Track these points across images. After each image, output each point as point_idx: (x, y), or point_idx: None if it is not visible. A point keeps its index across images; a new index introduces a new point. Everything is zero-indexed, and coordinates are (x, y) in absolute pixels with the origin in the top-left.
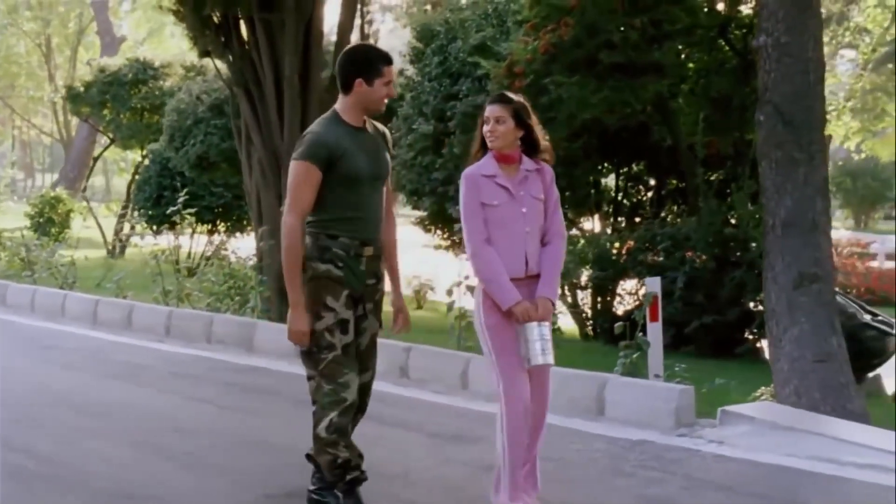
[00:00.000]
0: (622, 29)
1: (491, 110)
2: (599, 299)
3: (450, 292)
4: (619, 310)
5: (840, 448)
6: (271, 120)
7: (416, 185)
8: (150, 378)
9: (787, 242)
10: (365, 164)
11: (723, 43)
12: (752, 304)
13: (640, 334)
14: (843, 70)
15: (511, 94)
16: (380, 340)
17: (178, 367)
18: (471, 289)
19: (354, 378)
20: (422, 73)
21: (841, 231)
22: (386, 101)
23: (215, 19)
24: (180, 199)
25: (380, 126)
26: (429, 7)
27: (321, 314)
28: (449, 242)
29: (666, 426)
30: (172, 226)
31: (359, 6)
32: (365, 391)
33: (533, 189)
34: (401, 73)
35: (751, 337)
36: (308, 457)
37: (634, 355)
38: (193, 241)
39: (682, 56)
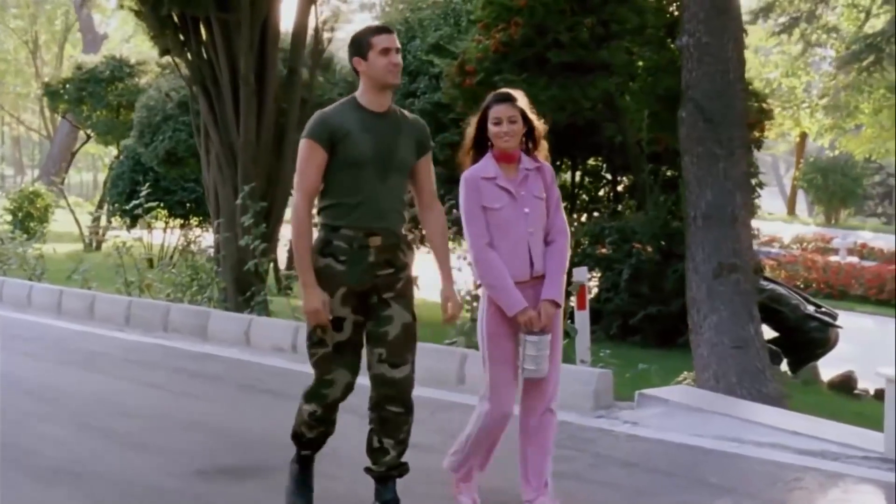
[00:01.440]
0: (571, 29)
1: (502, 110)
2: None
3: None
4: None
5: (744, 428)
6: (228, 117)
7: None
8: (106, 365)
9: (708, 234)
10: (370, 148)
11: (671, 42)
12: None
13: (569, 322)
14: (817, 68)
15: (512, 91)
16: None
17: (134, 355)
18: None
19: (342, 375)
20: None
21: (811, 227)
22: (393, 69)
23: (175, 19)
24: (143, 194)
25: (414, 118)
26: (402, 6)
27: None
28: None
29: (585, 408)
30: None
31: (314, 6)
32: (404, 389)
33: (534, 188)
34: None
35: None
36: (367, 470)
37: (563, 342)
38: (167, 235)
39: (633, 55)
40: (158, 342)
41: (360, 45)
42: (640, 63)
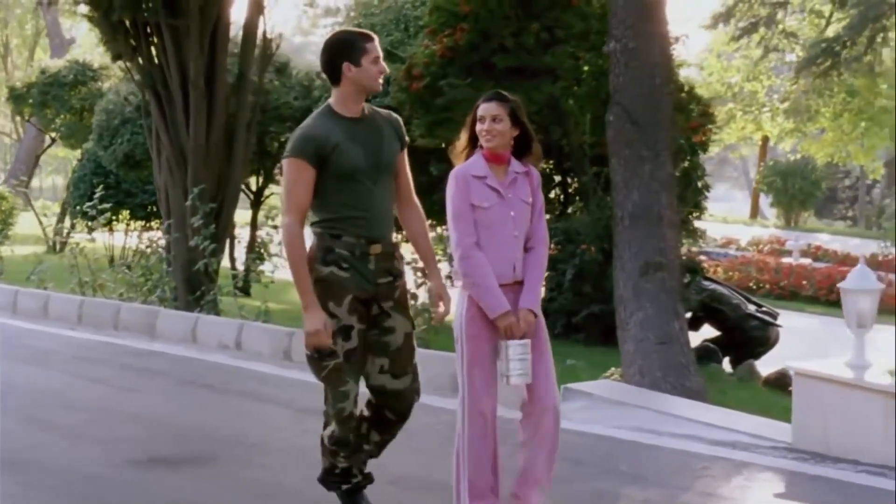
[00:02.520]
0: (516, 34)
1: (487, 108)
2: None
3: None
4: None
5: (662, 420)
6: (178, 120)
7: None
8: (55, 362)
9: (634, 233)
10: (361, 156)
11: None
12: None
13: None
14: (779, 73)
15: (505, 93)
16: (263, 325)
17: (84, 352)
18: None
19: (354, 387)
20: None
21: (770, 229)
22: (380, 77)
23: (126, 25)
24: (97, 196)
25: (387, 113)
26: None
27: None
28: None
29: (513, 402)
30: (108, 222)
31: (262, 15)
32: (406, 400)
33: (521, 192)
34: (318, 74)
35: None
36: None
37: None
38: (128, 237)
39: (579, 60)
40: (108, 340)
41: (352, 50)
42: (586, 68)
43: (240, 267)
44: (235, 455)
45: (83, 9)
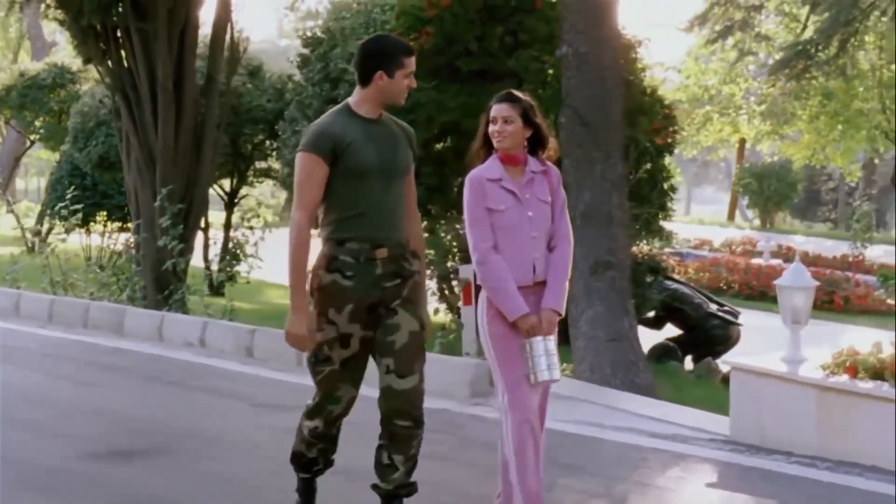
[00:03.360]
0: (480, 38)
1: (498, 109)
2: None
3: None
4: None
5: (608, 414)
6: (147, 122)
7: None
8: (24, 358)
9: (586, 233)
10: (374, 156)
11: None
12: None
13: (456, 317)
14: (756, 76)
15: (518, 93)
16: (227, 323)
17: (52, 349)
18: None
19: (349, 391)
20: (307, 79)
21: (746, 231)
22: (406, 93)
23: (96, 28)
24: (68, 197)
25: (403, 124)
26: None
27: (322, 326)
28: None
29: (462, 396)
30: (84, 223)
31: (230, 22)
32: (413, 402)
33: (539, 192)
34: (290, 78)
35: None
36: (374, 487)
37: (451, 336)
38: (105, 238)
39: (545, 63)
40: (77, 338)
41: (390, 60)
42: (550, 71)
43: (215, 267)
44: (190, 448)
45: (55, 13)
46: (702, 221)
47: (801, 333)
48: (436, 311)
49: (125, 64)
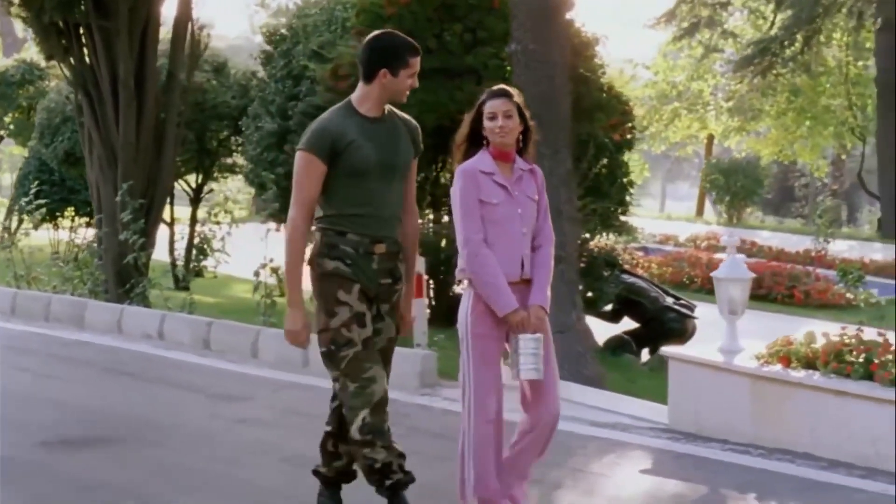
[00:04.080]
0: (439, 35)
1: (497, 104)
2: (433, 284)
3: (257, 273)
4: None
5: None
6: (108, 119)
7: (262, 180)
8: None
9: None
10: (374, 155)
11: None
12: None
13: None
14: (724, 72)
15: (510, 88)
16: (185, 316)
17: (14, 342)
18: (275, 270)
19: (380, 371)
20: (270, 75)
21: (712, 226)
22: (408, 92)
23: (58, 25)
24: (32, 192)
25: (406, 118)
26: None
27: (335, 310)
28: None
29: (411, 387)
30: (52, 218)
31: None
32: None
33: (528, 189)
34: (253, 74)
35: None
36: (315, 473)
37: None
38: (73, 233)
39: (504, 60)
40: (38, 331)
41: (395, 58)
42: (509, 68)
43: (180, 262)
44: (144, 437)
45: (17, 9)
46: (669, 217)
47: (738, 324)
48: None
49: (87, 61)
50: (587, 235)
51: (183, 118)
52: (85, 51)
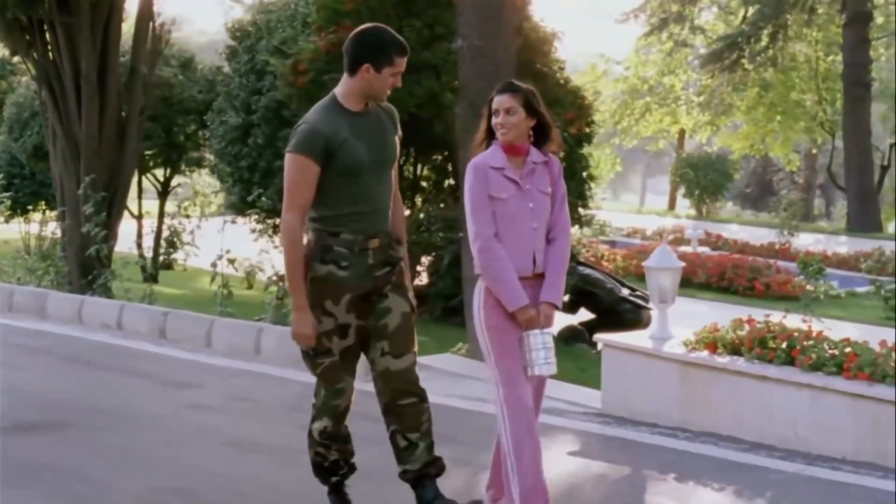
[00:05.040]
0: (397, 31)
1: (500, 101)
2: None
3: (214, 265)
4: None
5: (492, 389)
6: (71, 113)
7: (226, 173)
8: None
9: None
10: (366, 152)
11: None
12: None
13: None
14: (696, 67)
15: (519, 83)
16: (142, 306)
17: None
18: (232, 261)
19: (350, 384)
20: (234, 70)
21: (682, 220)
22: (389, 91)
23: (22, 21)
24: (0, 184)
25: (386, 105)
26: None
27: (320, 318)
28: (260, 227)
29: (359, 374)
30: (24, 211)
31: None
32: (410, 379)
33: (540, 183)
34: (219, 69)
35: None
36: (402, 475)
37: None
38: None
39: None
40: (1, 321)
41: (380, 54)
42: None
43: (148, 255)
44: (93, 422)
45: None
46: (640, 211)
47: (668, 312)
48: None
49: (50, 56)
50: None
51: (146, 112)
52: (48, 46)
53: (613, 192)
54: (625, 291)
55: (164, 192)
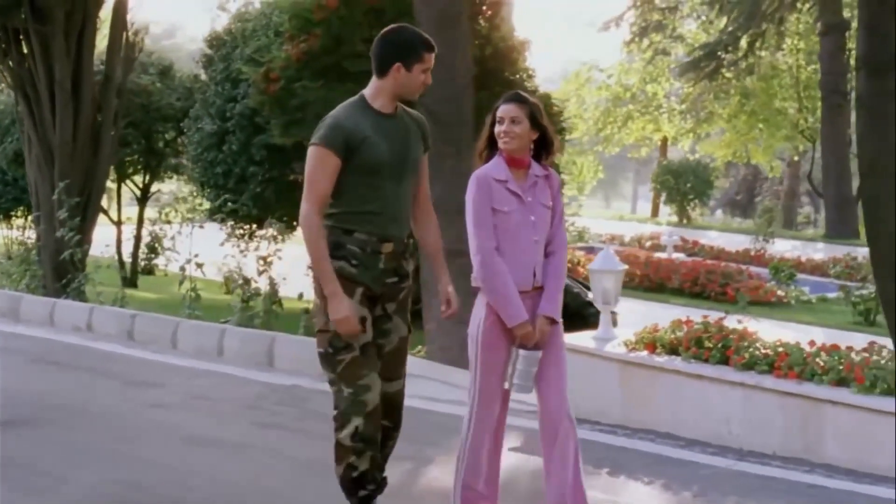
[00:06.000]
0: (367, 40)
1: (505, 110)
2: None
3: (183, 269)
4: None
5: (444, 389)
6: (46, 119)
7: (202, 179)
8: None
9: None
10: (387, 152)
11: None
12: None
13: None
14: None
15: (525, 94)
16: (112, 308)
17: None
18: (200, 265)
19: (376, 379)
20: (210, 78)
21: (664, 226)
22: (422, 89)
23: None
24: None
25: (416, 115)
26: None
27: None
28: (229, 232)
29: (315, 374)
30: (7, 217)
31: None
32: (395, 404)
33: (542, 196)
34: (196, 77)
35: None
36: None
37: (313, 319)
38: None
39: None
40: None
41: (409, 52)
42: None
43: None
44: (56, 419)
45: None
46: (622, 217)
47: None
48: (300, 295)
49: (26, 64)
50: None
51: (120, 119)
52: (24, 54)
53: (606, 199)
54: (591, 295)
55: (143, 198)
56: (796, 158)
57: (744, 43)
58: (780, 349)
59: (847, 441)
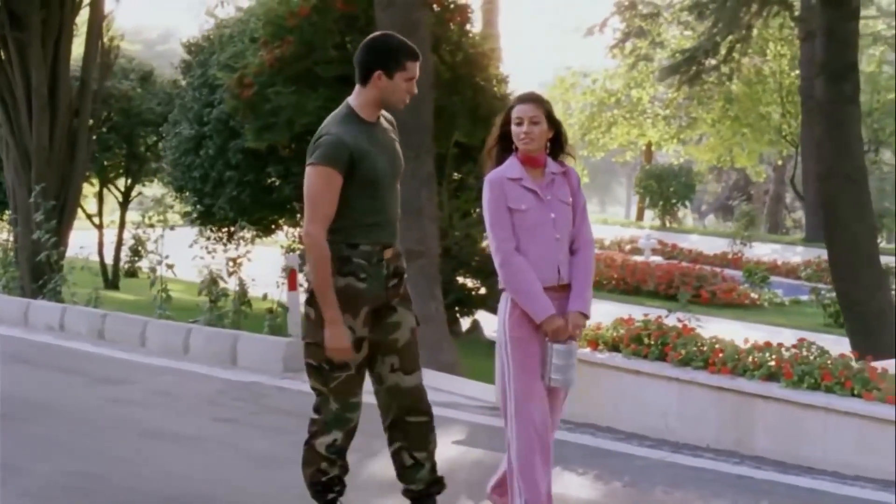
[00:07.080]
0: (338, 46)
1: (523, 110)
2: None
3: (153, 270)
4: None
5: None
6: (23, 124)
7: (180, 183)
8: None
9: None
10: (385, 164)
11: (437, 58)
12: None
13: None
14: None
15: (538, 93)
16: (83, 308)
17: None
18: (171, 266)
19: (360, 396)
20: (188, 83)
21: (646, 230)
22: (407, 98)
23: None
24: None
25: (388, 115)
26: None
27: None
28: (200, 233)
29: (275, 370)
30: None
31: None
32: (421, 395)
33: (561, 193)
34: (175, 83)
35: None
36: (405, 493)
37: (277, 319)
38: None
39: None
40: None
41: (391, 60)
42: None
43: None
44: (21, 414)
45: None
46: (606, 221)
47: None
48: (265, 295)
49: (3, 71)
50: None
51: (96, 124)
52: (0, 60)
53: (601, 203)
54: None
55: (125, 201)
56: (780, 163)
57: (724, 48)
58: (716, 345)
59: (776, 434)
